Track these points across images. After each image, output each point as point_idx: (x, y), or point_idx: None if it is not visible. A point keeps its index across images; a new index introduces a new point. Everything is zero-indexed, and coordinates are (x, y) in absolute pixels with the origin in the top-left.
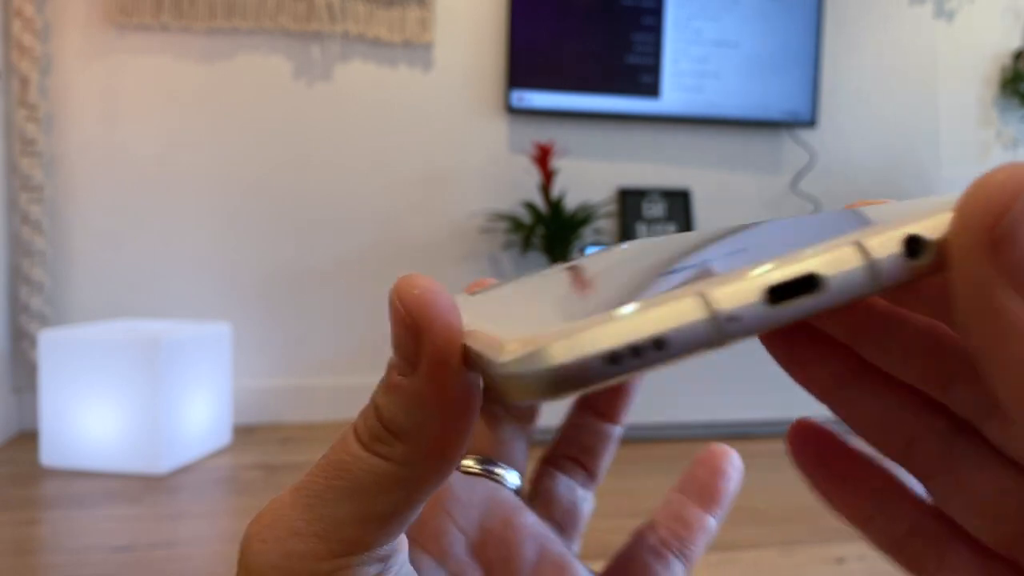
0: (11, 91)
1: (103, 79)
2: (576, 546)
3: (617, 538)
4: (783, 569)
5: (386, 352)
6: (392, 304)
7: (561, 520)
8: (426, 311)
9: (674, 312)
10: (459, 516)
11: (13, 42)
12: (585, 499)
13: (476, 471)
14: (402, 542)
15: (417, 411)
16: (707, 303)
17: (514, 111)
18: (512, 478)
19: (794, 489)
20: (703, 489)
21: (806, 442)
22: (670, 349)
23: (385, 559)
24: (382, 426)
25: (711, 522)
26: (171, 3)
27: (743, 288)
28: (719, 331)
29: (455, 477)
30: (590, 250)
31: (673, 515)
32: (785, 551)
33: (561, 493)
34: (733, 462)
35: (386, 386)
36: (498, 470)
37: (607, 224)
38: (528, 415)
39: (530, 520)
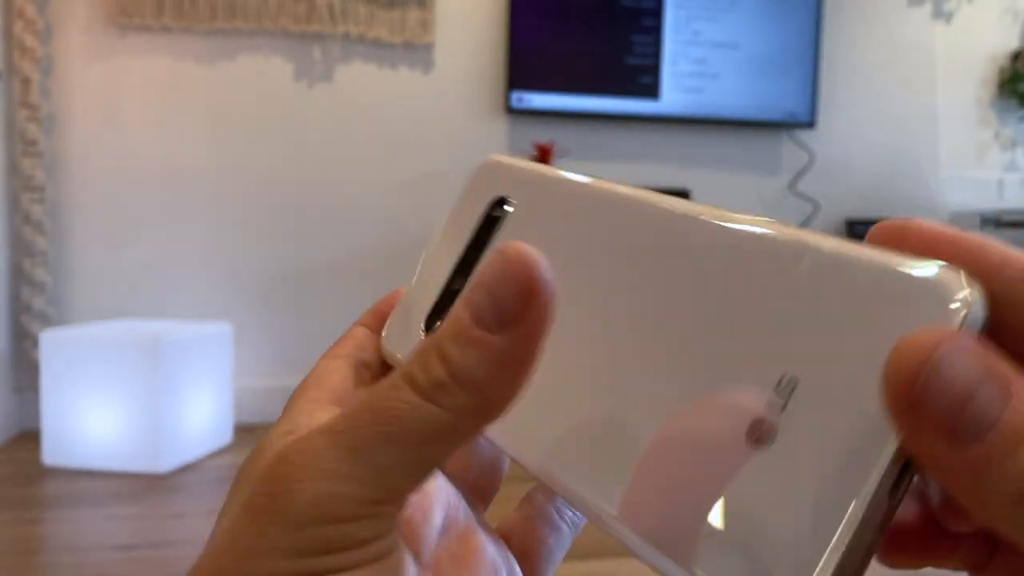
0: (12, 92)
1: (104, 80)
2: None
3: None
4: None
5: None
6: (505, 261)
7: (475, 483)
8: (542, 275)
9: None
10: None
11: (15, 43)
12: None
13: None
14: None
15: (496, 367)
16: None
17: (514, 112)
18: None
19: None
20: None
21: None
22: None
23: (398, 519)
24: (449, 376)
25: None
26: (172, 4)
27: None
28: None
29: None
30: None
31: None
32: None
33: (477, 454)
34: None
35: (463, 338)
36: None
37: None
38: None
39: (440, 483)
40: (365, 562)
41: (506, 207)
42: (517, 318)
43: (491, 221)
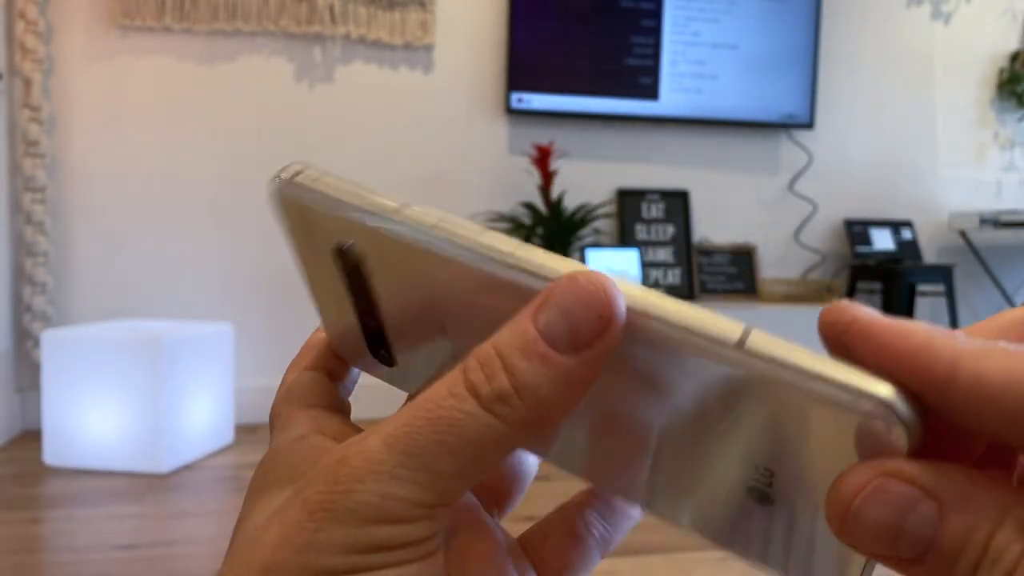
0: (14, 93)
1: (106, 81)
2: (513, 505)
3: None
4: None
5: None
6: (584, 289)
7: (502, 480)
8: (618, 305)
9: None
10: None
11: (16, 44)
12: (532, 458)
13: None
14: None
15: (562, 387)
16: None
17: (514, 113)
18: None
19: None
20: None
21: None
22: None
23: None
24: (514, 389)
25: (635, 510)
26: (173, 5)
27: None
28: None
29: None
30: (590, 251)
31: (599, 497)
32: None
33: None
34: None
35: (531, 354)
36: None
37: (606, 225)
38: None
39: None
40: (415, 559)
41: (349, 246)
42: (590, 344)
43: (346, 259)
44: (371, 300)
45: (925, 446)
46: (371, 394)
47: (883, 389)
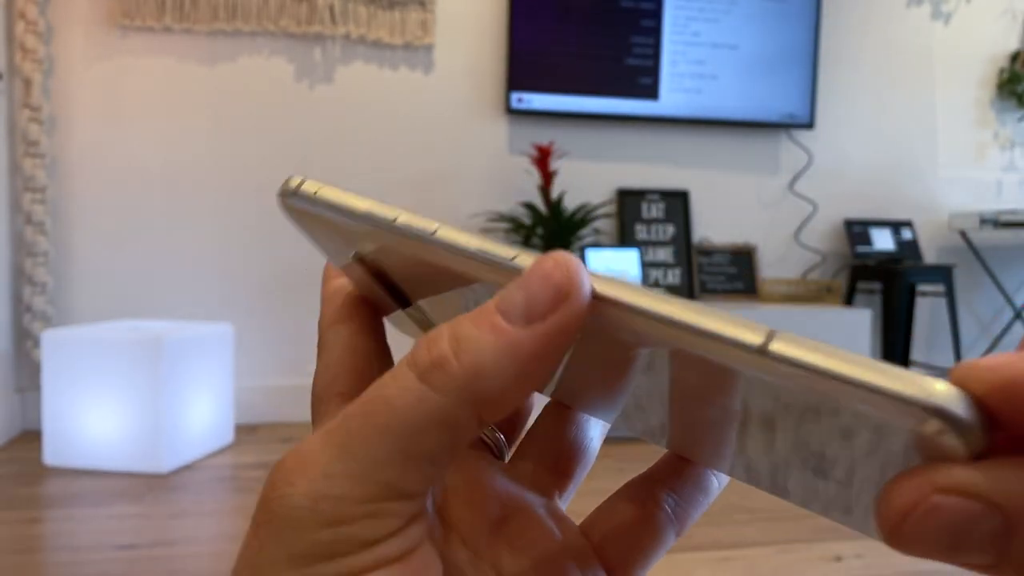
0: (14, 93)
1: (106, 81)
2: (576, 483)
3: None
4: (781, 567)
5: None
6: (547, 264)
7: (564, 456)
8: (579, 279)
9: None
10: None
11: (16, 44)
12: (595, 431)
13: None
14: (427, 503)
15: (505, 357)
16: None
17: (514, 112)
18: (493, 437)
19: None
20: None
21: None
22: None
23: (415, 515)
24: (453, 355)
25: (712, 480)
26: (173, 5)
27: None
28: None
29: None
30: (590, 251)
31: (670, 471)
32: (783, 549)
33: (566, 428)
34: None
35: (481, 322)
36: (486, 429)
37: (606, 225)
38: None
39: (494, 476)
40: (380, 564)
41: (366, 253)
42: (543, 316)
43: (366, 263)
44: (400, 290)
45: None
46: None
47: (938, 390)
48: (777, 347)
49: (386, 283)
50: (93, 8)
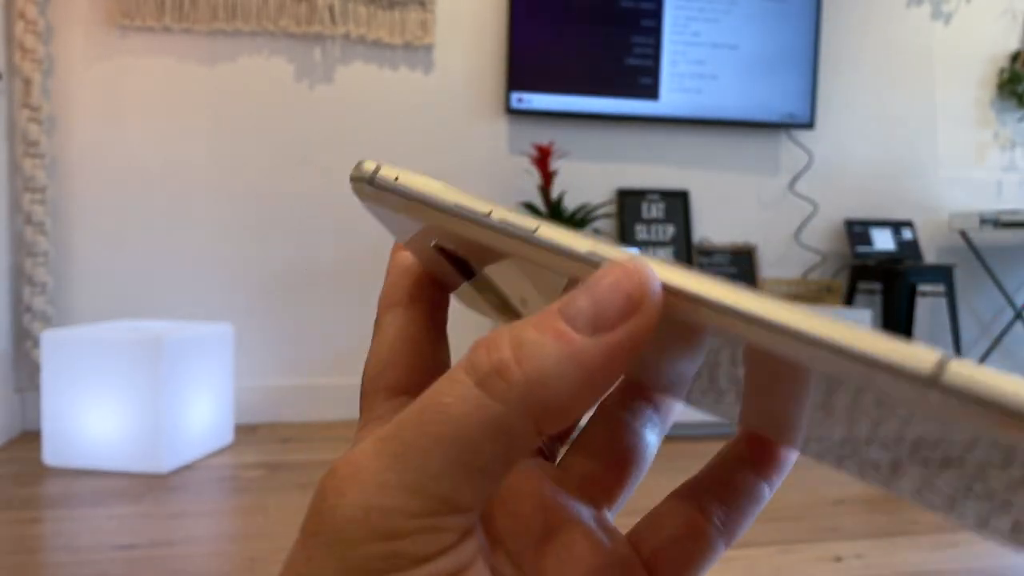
0: (14, 93)
1: (105, 81)
2: (628, 491)
3: None
4: (782, 567)
5: None
6: (620, 272)
7: (617, 462)
8: (651, 289)
9: None
10: None
11: (16, 44)
12: (652, 436)
13: None
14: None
15: (571, 368)
16: None
17: (514, 112)
18: (543, 438)
19: (794, 488)
20: (758, 447)
21: None
22: None
23: (468, 531)
24: (515, 361)
25: (764, 490)
26: (173, 5)
27: None
28: None
29: None
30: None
31: (719, 479)
32: (784, 550)
33: (621, 432)
34: None
35: (545, 327)
36: None
37: (606, 225)
38: None
39: (542, 484)
40: None
41: (446, 245)
42: (612, 327)
43: (446, 253)
44: (466, 262)
45: None
46: None
47: None
48: (952, 375)
49: (452, 257)
50: (93, 8)
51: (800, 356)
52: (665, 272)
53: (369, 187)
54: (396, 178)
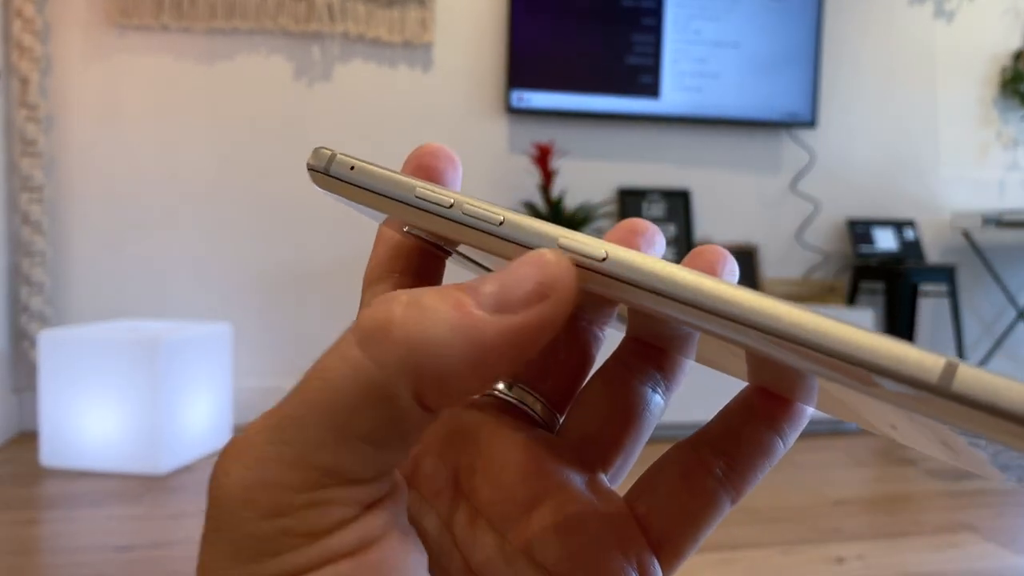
0: (11, 91)
1: (103, 80)
2: (629, 457)
3: None
4: (783, 568)
5: None
6: (539, 256)
7: (614, 423)
8: (564, 283)
9: None
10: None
11: (13, 42)
12: (655, 396)
13: (503, 396)
14: (398, 490)
15: (461, 341)
16: None
17: (514, 111)
18: (537, 407)
19: (794, 489)
20: (769, 399)
21: None
22: None
23: (371, 504)
24: (401, 320)
25: (776, 443)
26: (171, 4)
27: None
28: None
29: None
30: None
31: (723, 431)
32: (785, 551)
33: (620, 393)
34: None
35: (447, 296)
36: (528, 399)
37: (607, 224)
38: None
39: (529, 450)
40: (330, 558)
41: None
42: (515, 310)
43: (414, 236)
44: (455, 255)
45: None
46: None
47: None
48: (961, 380)
49: (426, 240)
50: (91, 7)
51: (793, 361)
52: (645, 261)
53: (325, 177)
54: (352, 167)
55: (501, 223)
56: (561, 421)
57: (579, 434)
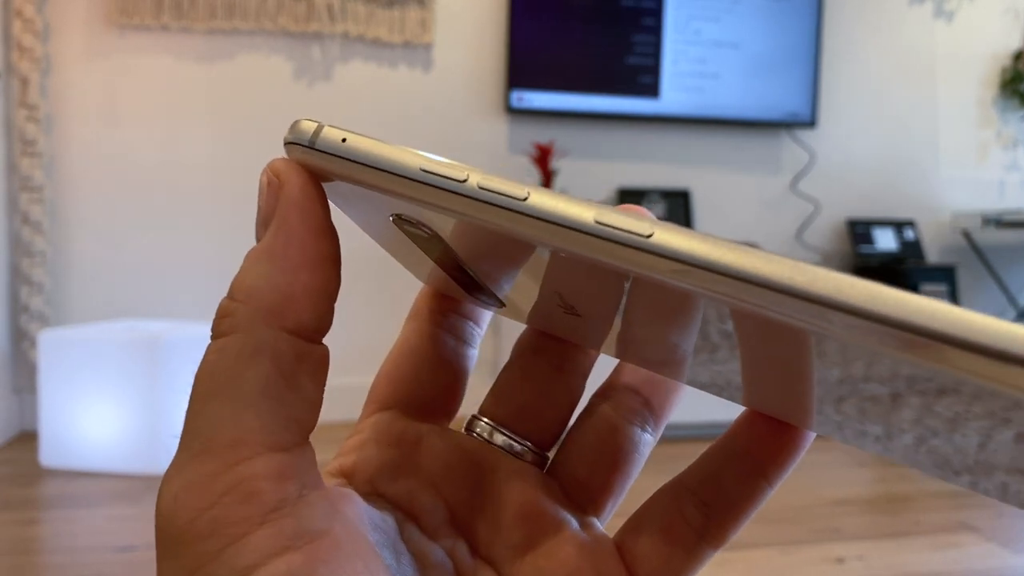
0: (11, 91)
1: (103, 80)
2: (617, 497)
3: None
4: (782, 569)
5: (385, 351)
6: (262, 177)
7: (604, 466)
8: (281, 168)
9: None
10: (442, 485)
11: (13, 42)
12: (645, 436)
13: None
14: (307, 456)
15: (266, 265)
16: None
17: (514, 111)
18: (528, 456)
19: (794, 489)
20: (757, 436)
21: None
22: None
23: (305, 487)
24: (229, 296)
25: (762, 487)
26: (171, 4)
27: None
28: None
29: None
30: None
31: (705, 477)
32: (785, 551)
33: (610, 434)
34: None
35: (248, 256)
36: (516, 447)
37: None
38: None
39: (523, 491)
40: (279, 551)
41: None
42: (272, 213)
43: (404, 223)
44: (447, 254)
45: None
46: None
47: None
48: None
49: (430, 251)
50: (91, 7)
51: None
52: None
53: (311, 152)
54: (344, 139)
55: (526, 198)
56: (551, 458)
57: (569, 479)
